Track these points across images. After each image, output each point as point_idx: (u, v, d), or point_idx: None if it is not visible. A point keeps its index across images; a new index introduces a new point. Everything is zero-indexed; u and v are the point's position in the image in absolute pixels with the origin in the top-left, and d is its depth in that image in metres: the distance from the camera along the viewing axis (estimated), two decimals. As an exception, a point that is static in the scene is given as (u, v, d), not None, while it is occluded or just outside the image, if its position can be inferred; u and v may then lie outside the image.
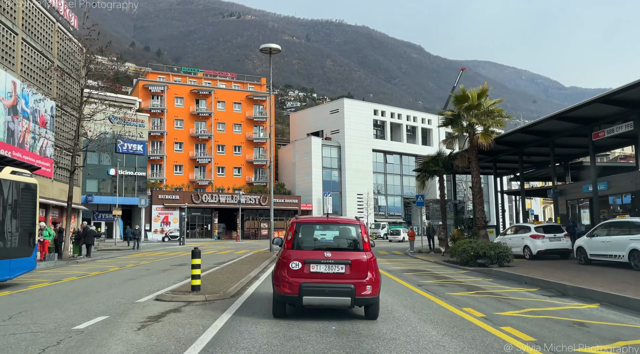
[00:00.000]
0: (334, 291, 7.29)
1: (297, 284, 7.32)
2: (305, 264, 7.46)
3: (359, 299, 7.36)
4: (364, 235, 7.92)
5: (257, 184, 73.77)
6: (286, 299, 7.52)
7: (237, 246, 39.55)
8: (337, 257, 7.51)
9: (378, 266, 7.90)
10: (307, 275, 7.41)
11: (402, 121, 79.01)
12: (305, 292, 7.29)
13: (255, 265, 18.39)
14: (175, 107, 71.24)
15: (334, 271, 7.42)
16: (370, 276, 7.53)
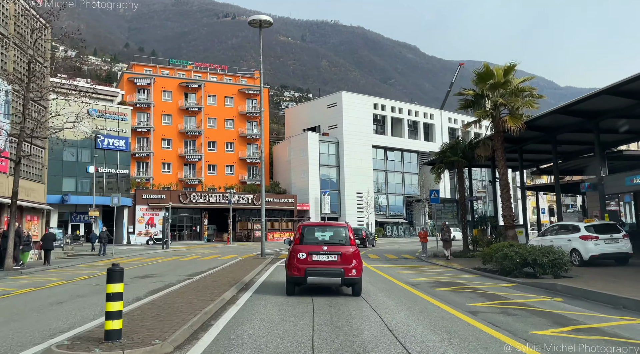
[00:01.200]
0: (329, 273, 10.30)
1: (304, 268, 10.26)
2: (309, 255, 10.40)
3: (346, 279, 10.34)
4: (350, 234, 11.05)
5: (250, 182, 69.54)
6: (296, 279, 10.45)
7: (225, 250, 35.37)
8: (331, 250, 10.55)
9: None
10: (310, 262, 10.33)
11: (403, 115, 74.98)
12: (309, 274, 10.24)
13: (239, 277, 14.24)
14: (162, 102, 66.96)
15: (329, 260, 10.40)
16: (355, 263, 10.46)
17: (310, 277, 10.22)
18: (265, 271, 17.50)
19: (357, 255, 10.64)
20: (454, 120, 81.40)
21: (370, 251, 33.65)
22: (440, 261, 22.74)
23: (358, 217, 67.54)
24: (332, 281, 10.44)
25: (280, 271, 16.93)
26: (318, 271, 10.27)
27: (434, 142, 77.90)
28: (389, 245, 45.86)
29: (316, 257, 10.38)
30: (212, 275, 15.18)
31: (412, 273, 16.85)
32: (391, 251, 33.23)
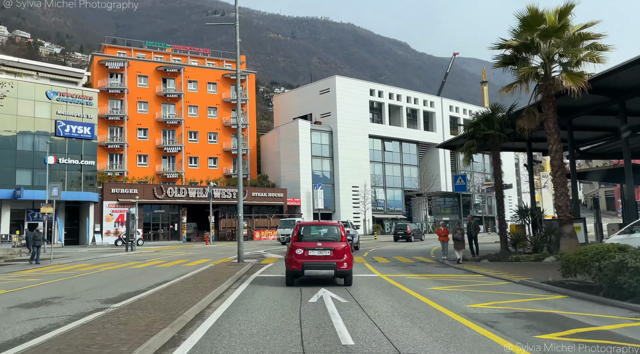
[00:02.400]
0: (323, 266, 11.69)
1: (301, 262, 11.68)
2: (306, 250, 11.83)
3: (338, 271, 11.74)
4: (342, 232, 12.57)
5: (235, 175, 63.46)
6: (294, 272, 11.88)
7: (200, 253, 29.49)
8: (325, 246, 11.97)
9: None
10: (307, 257, 11.74)
11: (401, 102, 69.31)
12: (306, 267, 11.67)
13: (180, 308, 8.36)
14: (138, 88, 60.70)
15: (323, 254, 11.81)
16: (346, 257, 11.82)
17: (306, 270, 11.61)
18: (232, 291, 11.61)
19: (348, 250, 12.01)
20: (455, 108, 75.90)
21: (375, 252, 27.90)
22: (474, 266, 17.04)
23: (354, 213, 61.87)
24: (325, 273, 11.74)
25: (258, 290, 11.75)
26: (313, 264, 11.60)
27: (435, 132, 72.48)
28: (391, 243, 40.20)
29: (312, 252, 11.71)
30: (139, 303, 9.28)
31: (455, 291, 11.10)
32: (399, 252, 27.58)
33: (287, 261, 12.00)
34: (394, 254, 26.25)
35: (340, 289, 11.51)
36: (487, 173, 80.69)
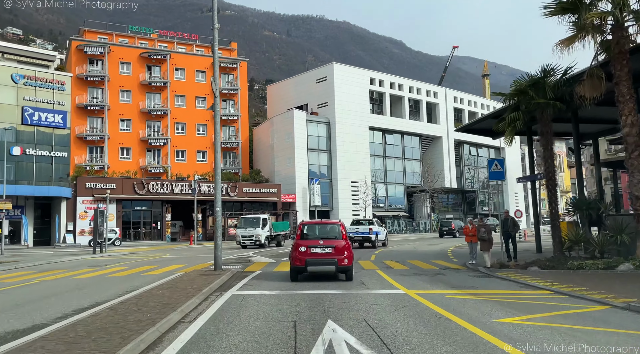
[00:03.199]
0: (325, 263, 12.33)
1: (304, 259, 12.34)
2: (308, 248, 12.48)
3: (339, 267, 12.34)
4: (343, 230, 13.14)
5: (226, 171, 59.06)
6: (298, 268, 12.51)
7: (179, 255, 25.19)
8: (327, 243, 12.57)
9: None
10: (310, 254, 12.39)
11: (403, 92, 65.04)
12: (309, 263, 12.32)
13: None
14: (120, 75, 56.16)
15: (325, 251, 12.44)
16: (347, 254, 12.46)
17: (309, 266, 12.35)
18: (180, 332, 7.23)
19: (349, 247, 12.69)
20: (459, 99, 71.71)
21: (384, 255, 23.69)
22: (525, 276, 12.80)
23: (353, 210, 57.61)
24: (327, 269, 12.42)
25: (227, 325, 7.44)
26: (316, 261, 12.33)
27: (438, 125, 68.30)
28: (399, 244, 36.00)
29: (314, 249, 12.42)
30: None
31: (545, 329, 6.79)
32: (412, 255, 23.41)
33: (291, 258, 12.83)
34: (406, 256, 22.08)
35: (358, 322, 7.25)
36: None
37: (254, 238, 29.18)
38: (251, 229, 29.23)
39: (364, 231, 28.43)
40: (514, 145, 74.74)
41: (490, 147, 76.74)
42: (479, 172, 74.23)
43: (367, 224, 29.34)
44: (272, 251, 27.40)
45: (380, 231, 30.00)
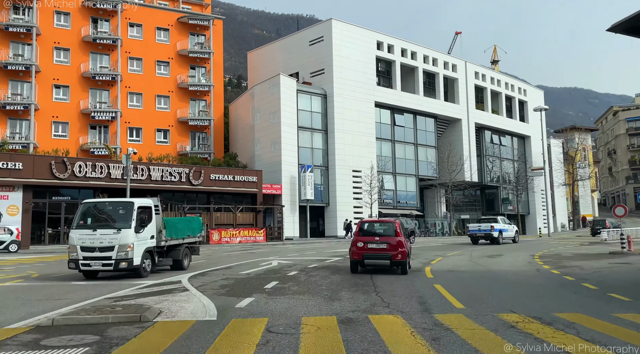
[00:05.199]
0: (380, 257, 13.76)
1: (362, 253, 13.81)
2: (366, 243, 13.85)
3: (393, 261, 13.72)
4: (397, 227, 14.29)
5: (193, 154, 46.38)
6: (357, 261, 14.06)
7: (71, 282, 12.59)
8: (382, 240, 13.90)
9: None
10: (367, 249, 13.79)
11: (417, 62, 52.79)
12: (366, 257, 13.83)
13: None
14: (55, 29, 43.33)
15: (380, 247, 13.76)
16: (401, 249, 13.64)
17: (366, 260, 13.89)
18: None
19: (403, 244, 13.81)
20: (481, 76, 59.62)
21: (444, 276, 11.19)
22: None
23: (355, 207, 45.20)
24: (382, 262, 13.91)
25: None
26: (372, 255, 13.78)
27: (457, 104, 56.16)
28: (428, 251, 23.72)
29: (371, 245, 13.80)
30: None
31: None
32: (504, 279, 10.94)
33: (350, 252, 14.24)
34: (504, 285, 9.58)
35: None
36: (517, 160, 64.75)
37: (112, 254, 12.33)
38: (105, 234, 12.51)
39: (485, 228, 29.89)
40: (538, 134, 62.95)
41: (515, 135, 64.81)
42: (502, 164, 62.20)
43: (489, 221, 30.75)
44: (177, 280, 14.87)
45: (506, 229, 31.21)
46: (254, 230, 35.89)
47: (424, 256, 21.29)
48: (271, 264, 17.20)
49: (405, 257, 13.68)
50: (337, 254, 22.23)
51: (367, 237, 14.07)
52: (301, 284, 11.70)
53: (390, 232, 14.18)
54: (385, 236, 14.05)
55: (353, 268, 14.24)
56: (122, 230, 12.35)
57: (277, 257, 20.18)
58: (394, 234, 14.03)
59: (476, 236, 30.09)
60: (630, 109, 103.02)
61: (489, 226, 29.75)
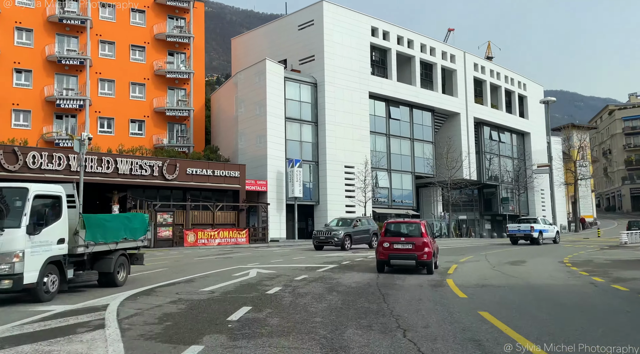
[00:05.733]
0: (406, 257, 13.90)
1: (387, 253, 13.97)
2: (391, 244, 14.02)
3: (419, 261, 13.85)
4: (423, 228, 14.32)
5: (171, 147, 42.41)
6: (383, 262, 14.21)
7: None
8: (407, 240, 14.02)
9: None
10: (392, 249, 13.95)
11: (413, 51, 49.27)
12: (392, 257, 14.01)
13: None
14: (16, 7, 39.10)
15: (406, 247, 13.88)
16: (427, 250, 13.73)
17: (392, 260, 14.07)
18: None
19: (428, 244, 13.87)
20: (480, 68, 56.31)
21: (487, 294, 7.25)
22: None
23: (347, 206, 41.53)
24: (407, 263, 14.09)
25: None
26: (398, 255, 13.94)
27: (456, 97, 52.78)
28: (450, 255, 20.09)
29: (396, 245, 13.94)
30: None
31: None
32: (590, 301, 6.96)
33: (376, 252, 14.52)
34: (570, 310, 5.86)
35: None
36: (516, 158, 61.58)
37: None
38: None
39: (525, 228, 30.10)
40: (540, 130, 60.01)
41: (515, 131, 61.65)
42: (501, 162, 58.95)
43: (530, 222, 30.94)
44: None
45: (546, 229, 31.20)
46: (235, 231, 32.02)
47: (435, 263, 17.69)
48: (248, 274, 13.43)
49: (430, 257, 13.90)
50: (330, 260, 18.50)
51: (393, 237, 14.33)
52: (284, 312, 7.95)
53: (416, 233, 14.36)
54: (411, 236, 14.25)
55: (379, 267, 14.46)
56: (5, 231, 8.37)
57: (258, 265, 16.41)
58: (420, 234, 14.19)
59: (516, 236, 30.79)
60: (626, 108, 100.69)
61: (528, 226, 30.20)
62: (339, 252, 22.67)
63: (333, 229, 24.85)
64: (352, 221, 26.56)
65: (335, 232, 24.12)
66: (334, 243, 23.94)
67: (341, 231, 24.18)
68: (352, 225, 25.53)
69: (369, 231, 26.27)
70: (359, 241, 25.49)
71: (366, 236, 26.02)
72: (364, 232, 25.91)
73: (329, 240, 24.14)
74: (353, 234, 24.86)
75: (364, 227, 26.16)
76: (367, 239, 26.02)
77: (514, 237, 31.00)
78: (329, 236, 24.10)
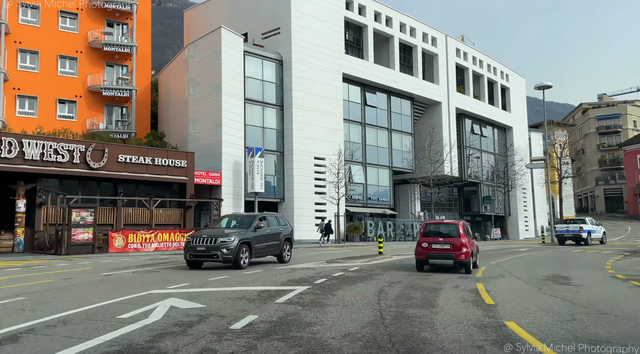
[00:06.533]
0: (444, 257, 14.20)
1: (426, 253, 14.24)
2: (430, 244, 14.24)
3: (456, 261, 14.01)
4: (461, 229, 14.27)
5: (107, 133, 35.54)
6: (421, 261, 14.47)
7: None
8: (445, 240, 14.16)
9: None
10: (431, 249, 14.20)
11: (392, 30, 43.90)
12: (430, 257, 14.30)
13: None
14: None
15: (444, 247, 14.08)
16: (465, 250, 13.83)
17: (431, 259, 14.43)
18: None
19: (467, 244, 13.96)
20: (463, 54, 51.46)
21: None
22: None
23: (317, 204, 35.72)
24: (446, 261, 14.51)
25: None
26: (436, 255, 14.23)
27: (437, 85, 47.66)
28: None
29: (435, 245, 14.16)
30: None
31: None
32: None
33: (415, 252, 14.62)
34: None
35: None
36: (498, 154, 57.09)
37: None
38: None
39: (574, 229, 30.19)
40: (522, 125, 55.87)
41: (497, 125, 57.18)
42: (482, 157, 54.32)
43: (578, 223, 30.79)
44: None
45: (594, 230, 31.02)
46: (179, 233, 25.63)
47: (442, 279, 12.04)
48: (150, 315, 7.35)
49: (468, 257, 13.93)
50: (305, 278, 12.58)
51: (431, 238, 14.48)
52: None
53: (454, 233, 14.34)
54: (449, 236, 14.31)
55: (419, 266, 14.61)
56: None
57: (184, 288, 10.35)
58: (458, 235, 14.20)
59: (564, 237, 30.95)
60: (601, 107, 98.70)
61: (577, 226, 30.15)
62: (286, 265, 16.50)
63: (219, 234, 14.76)
64: (254, 219, 16.13)
65: (223, 239, 14.31)
66: (222, 257, 14.24)
67: (234, 237, 14.39)
68: (252, 226, 15.56)
69: (279, 236, 16.83)
70: (263, 252, 16.07)
71: (274, 244, 16.54)
72: (271, 238, 16.38)
73: (213, 252, 14.29)
74: (254, 241, 15.25)
75: (271, 230, 16.58)
76: (276, 248, 16.69)
77: (562, 238, 31.12)
78: (213, 246, 14.27)
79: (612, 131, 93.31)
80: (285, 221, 18.33)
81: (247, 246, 14.84)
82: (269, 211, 26.34)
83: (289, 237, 17.46)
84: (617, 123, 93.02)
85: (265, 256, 16.71)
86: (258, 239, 15.51)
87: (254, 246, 15.22)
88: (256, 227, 15.58)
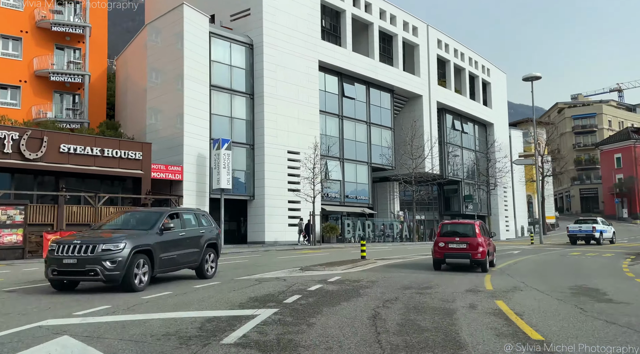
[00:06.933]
0: (460, 256, 14.26)
1: (443, 252, 14.43)
2: (447, 243, 14.43)
3: (473, 260, 14.11)
4: (477, 228, 14.46)
5: (56, 122, 31.70)
6: (438, 260, 14.63)
7: None
8: (462, 240, 14.32)
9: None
10: (447, 249, 14.40)
11: (372, 17, 41.20)
12: (447, 256, 14.44)
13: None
14: None
15: (460, 247, 14.24)
16: (481, 249, 13.95)
17: (447, 258, 14.51)
18: None
19: (483, 244, 14.06)
20: (444, 45, 49.11)
21: None
22: None
23: (290, 202, 32.65)
24: (462, 261, 14.42)
25: None
26: (453, 254, 14.37)
27: (418, 76, 45.17)
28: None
29: (451, 245, 14.37)
30: None
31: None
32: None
33: (432, 251, 14.87)
34: None
35: None
36: (479, 151, 55.07)
37: None
38: None
39: (587, 229, 30.02)
40: (503, 122, 54.05)
41: (478, 121, 55.12)
42: (463, 155, 52.17)
43: (590, 223, 30.64)
44: None
45: (605, 230, 30.92)
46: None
47: (444, 286, 9.20)
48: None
49: (484, 256, 14.03)
50: (271, 294, 9.56)
51: (448, 237, 14.65)
52: None
53: (470, 233, 14.49)
54: (466, 236, 14.44)
55: (436, 265, 14.77)
56: None
57: (90, 318, 7.20)
58: (474, 234, 14.35)
59: (576, 237, 30.94)
60: (577, 106, 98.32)
61: (590, 226, 30.11)
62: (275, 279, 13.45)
63: (100, 239, 9.70)
64: (160, 216, 10.94)
65: (106, 247, 9.40)
66: (103, 275, 9.28)
67: (124, 243, 9.52)
68: (156, 227, 10.57)
69: (199, 242, 11.90)
70: (173, 264, 11.10)
71: (191, 253, 11.57)
72: (186, 244, 11.45)
73: (88, 267, 9.25)
74: (159, 248, 10.37)
75: (187, 233, 11.55)
76: (195, 258, 11.71)
77: (575, 238, 31.03)
78: (89, 258, 9.27)
79: (588, 131, 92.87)
80: (210, 219, 13.10)
81: (146, 257, 9.88)
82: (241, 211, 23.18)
83: (213, 243, 12.48)
84: (592, 123, 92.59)
85: (177, 271, 11.88)
86: (165, 246, 10.52)
87: (159, 256, 10.27)
88: (163, 229, 10.57)
